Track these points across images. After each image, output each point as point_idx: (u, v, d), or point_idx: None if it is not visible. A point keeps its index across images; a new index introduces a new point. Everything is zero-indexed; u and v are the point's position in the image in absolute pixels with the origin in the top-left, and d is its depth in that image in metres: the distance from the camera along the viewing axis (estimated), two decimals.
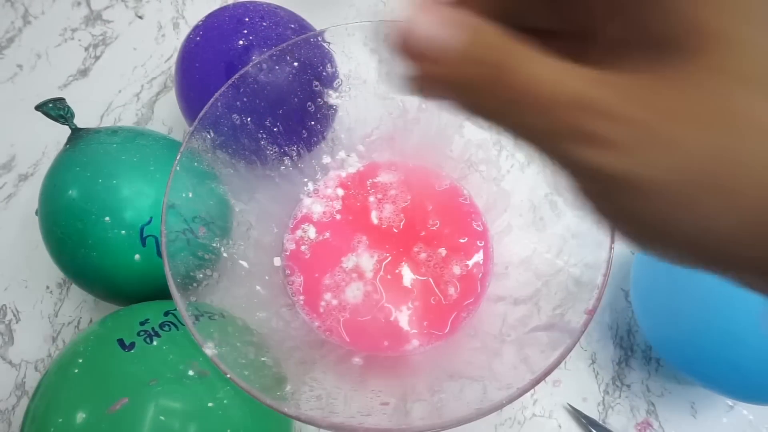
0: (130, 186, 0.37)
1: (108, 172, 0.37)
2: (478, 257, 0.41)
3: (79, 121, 0.40)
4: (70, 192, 0.36)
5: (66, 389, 0.30)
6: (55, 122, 0.38)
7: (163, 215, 0.31)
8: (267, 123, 0.40)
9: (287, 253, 0.41)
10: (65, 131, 0.40)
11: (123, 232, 0.36)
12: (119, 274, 0.37)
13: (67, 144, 0.39)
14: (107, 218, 0.36)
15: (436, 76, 0.12)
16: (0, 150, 0.52)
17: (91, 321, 0.45)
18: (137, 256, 0.36)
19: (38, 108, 0.38)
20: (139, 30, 0.59)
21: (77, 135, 0.39)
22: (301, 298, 0.39)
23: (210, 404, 0.30)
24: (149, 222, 0.36)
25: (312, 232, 0.42)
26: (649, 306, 0.38)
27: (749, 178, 0.10)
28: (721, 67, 0.10)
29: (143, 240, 0.36)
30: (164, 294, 0.30)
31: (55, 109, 0.38)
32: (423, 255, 0.41)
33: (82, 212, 0.36)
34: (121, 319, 0.34)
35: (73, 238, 0.36)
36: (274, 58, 0.39)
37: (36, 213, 0.39)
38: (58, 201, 0.37)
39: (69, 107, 0.39)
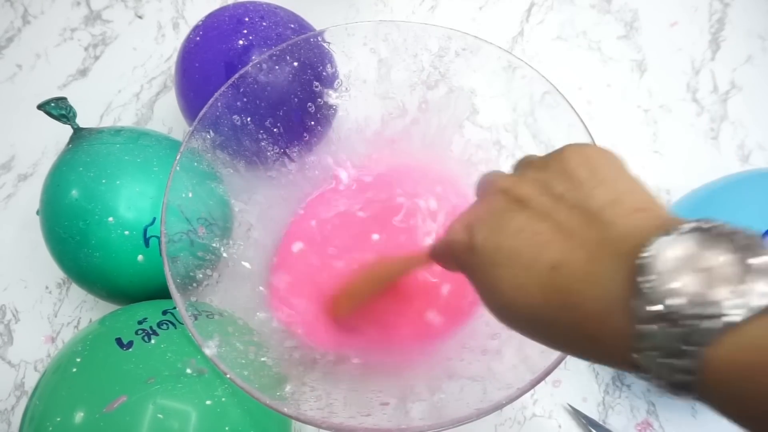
0: (133, 186, 0.37)
1: (111, 172, 0.37)
2: None
3: (79, 121, 0.40)
4: (73, 192, 0.36)
5: (64, 388, 0.30)
6: (55, 122, 0.38)
7: (162, 215, 0.31)
8: (267, 123, 0.40)
9: (287, 253, 0.41)
10: (65, 131, 0.40)
11: (126, 232, 0.36)
12: (122, 275, 0.37)
13: (69, 144, 0.39)
14: (111, 218, 0.36)
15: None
16: (0, 150, 0.52)
17: (90, 321, 0.45)
18: (140, 257, 0.36)
19: (40, 107, 0.37)
20: (139, 30, 0.59)
21: (80, 135, 0.39)
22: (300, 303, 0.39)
23: (208, 402, 0.30)
24: (152, 222, 0.36)
25: (313, 230, 0.42)
26: None
27: (507, 259, 0.19)
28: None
29: (146, 241, 0.36)
30: (168, 294, 0.30)
31: (57, 108, 0.38)
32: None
33: (85, 212, 0.36)
34: (120, 318, 0.34)
35: (75, 238, 0.36)
36: (274, 58, 0.39)
37: (37, 213, 0.39)
38: (60, 201, 0.37)
39: (71, 106, 0.39)
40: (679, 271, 0.14)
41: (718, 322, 0.13)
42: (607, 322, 0.16)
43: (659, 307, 0.14)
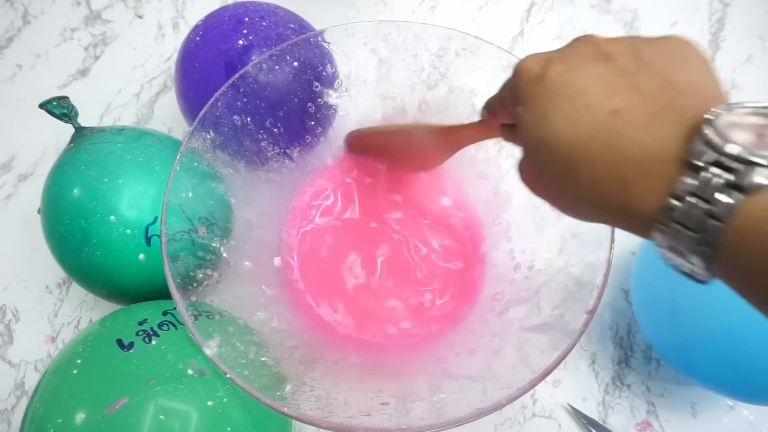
0: (134, 185, 0.37)
1: (113, 171, 0.37)
2: (477, 256, 0.41)
3: (79, 121, 0.40)
4: (75, 191, 0.36)
5: (65, 390, 0.30)
6: (55, 122, 0.38)
7: (162, 215, 0.31)
8: (267, 123, 0.40)
9: (288, 249, 0.41)
10: (65, 131, 0.40)
11: (128, 231, 0.36)
12: (123, 274, 0.37)
13: (71, 142, 0.39)
14: (112, 217, 0.36)
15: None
16: (0, 150, 0.52)
17: (90, 321, 0.45)
18: (142, 256, 0.36)
19: (42, 106, 0.37)
20: (139, 30, 0.59)
21: (81, 134, 0.39)
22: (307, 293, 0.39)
23: (210, 403, 0.30)
24: (154, 222, 0.36)
25: (312, 231, 0.42)
26: (650, 306, 0.38)
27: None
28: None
29: (148, 240, 0.36)
30: (169, 293, 0.30)
31: (59, 107, 0.38)
32: (420, 252, 0.41)
33: (86, 211, 0.36)
34: (120, 319, 0.34)
35: (77, 237, 0.36)
36: (274, 58, 0.39)
37: (38, 212, 0.39)
38: (62, 200, 0.37)
39: (73, 105, 0.39)
40: (737, 128, 0.15)
41: (763, 173, 0.14)
42: (648, 167, 0.17)
43: (714, 154, 0.15)
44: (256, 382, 0.28)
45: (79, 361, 0.31)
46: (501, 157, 0.41)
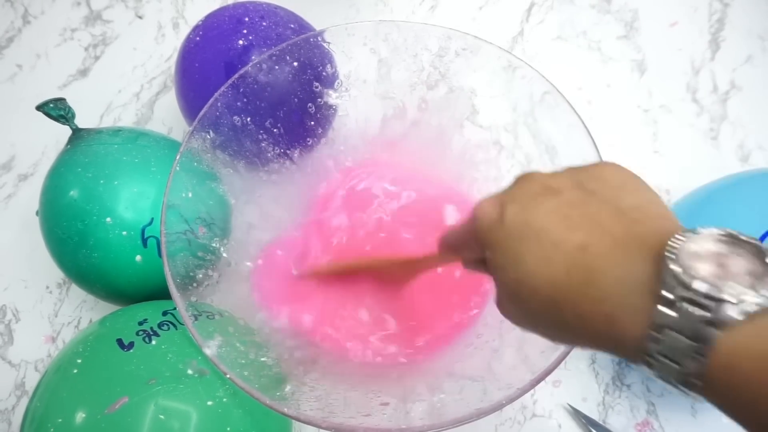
0: (131, 187, 0.37)
1: (109, 172, 0.37)
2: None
3: (79, 121, 0.40)
4: (72, 193, 0.36)
5: (65, 389, 0.30)
6: (55, 122, 0.38)
7: (162, 215, 0.31)
8: (267, 123, 0.40)
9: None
10: (65, 131, 0.40)
11: (124, 233, 0.36)
12: (121, 275, 0.37)
13: (68, 144, 0.39)
14: (108, 219, 0.36)
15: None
16: (0, 150, 0.52)
17: (90, 321, 0.45)
18: (138, 257, 0.36)
19: (39, 108, 0.38)
20: (139, 30, 0.59)
21: (78, 135, 0.39)
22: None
23: (209, 403, 0.30)
24: (150, 223, 0.36)
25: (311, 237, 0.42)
26: None
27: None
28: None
29: (144, 241, 0.36)
30: (166, 294, 0.30)
31: (56, 109, 0.38)
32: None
33: (83, 213, 0.36)
34: (120, 319, 0.34)
35: (74, 238, 0.36)
36: (274, 58, 0.39)
37: (36, 213, 0.39)
38: (59, 202, 0.37)
39: (70, 107, 0.39)
40: (704, 262, 0.16)
41: (737, 309, 0.15)
42: (628, 303, 0.17)
43: (684, 291, 0.15)
44: (256, 382, 0.28)
45: (79, 361, 0.31)
46: (501, 157, 0.41)
